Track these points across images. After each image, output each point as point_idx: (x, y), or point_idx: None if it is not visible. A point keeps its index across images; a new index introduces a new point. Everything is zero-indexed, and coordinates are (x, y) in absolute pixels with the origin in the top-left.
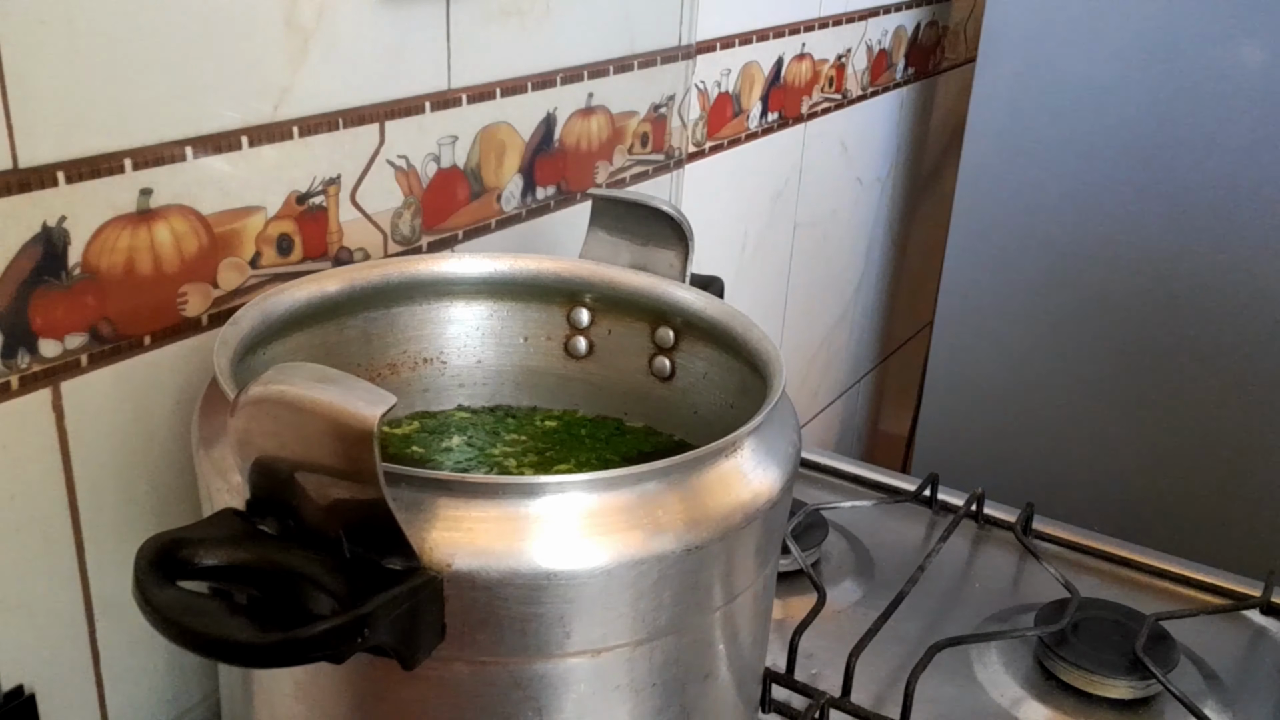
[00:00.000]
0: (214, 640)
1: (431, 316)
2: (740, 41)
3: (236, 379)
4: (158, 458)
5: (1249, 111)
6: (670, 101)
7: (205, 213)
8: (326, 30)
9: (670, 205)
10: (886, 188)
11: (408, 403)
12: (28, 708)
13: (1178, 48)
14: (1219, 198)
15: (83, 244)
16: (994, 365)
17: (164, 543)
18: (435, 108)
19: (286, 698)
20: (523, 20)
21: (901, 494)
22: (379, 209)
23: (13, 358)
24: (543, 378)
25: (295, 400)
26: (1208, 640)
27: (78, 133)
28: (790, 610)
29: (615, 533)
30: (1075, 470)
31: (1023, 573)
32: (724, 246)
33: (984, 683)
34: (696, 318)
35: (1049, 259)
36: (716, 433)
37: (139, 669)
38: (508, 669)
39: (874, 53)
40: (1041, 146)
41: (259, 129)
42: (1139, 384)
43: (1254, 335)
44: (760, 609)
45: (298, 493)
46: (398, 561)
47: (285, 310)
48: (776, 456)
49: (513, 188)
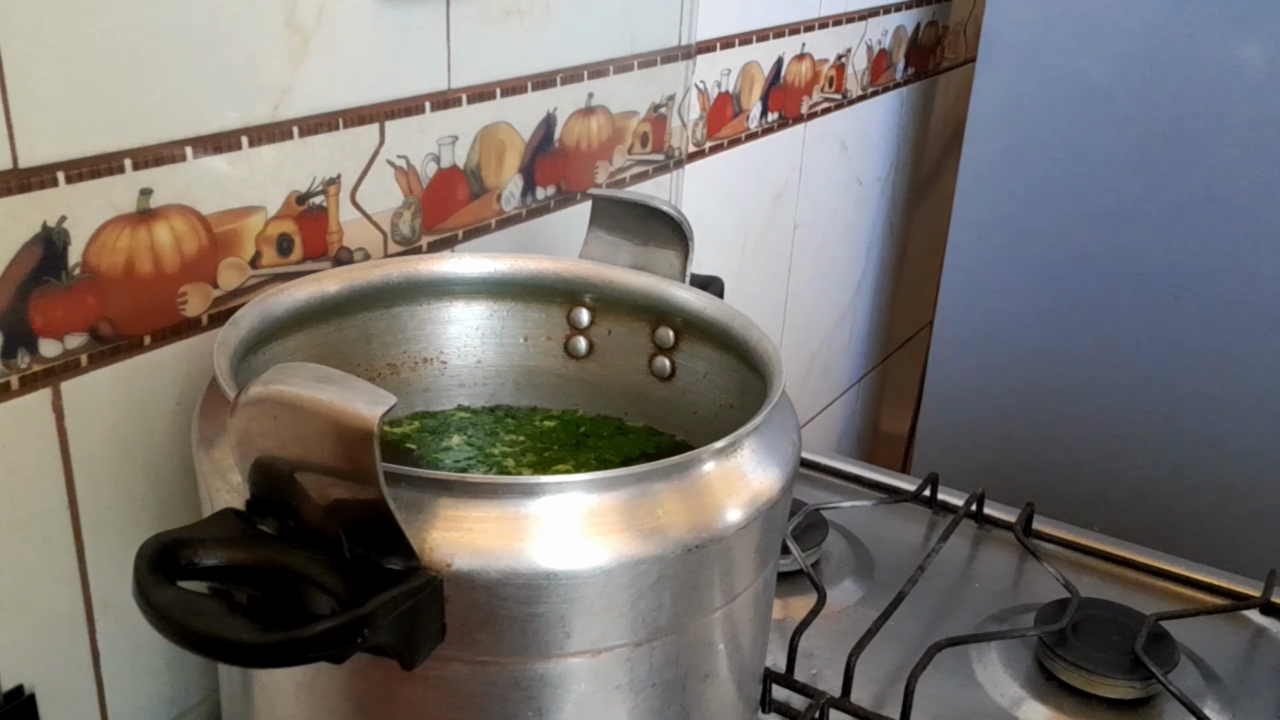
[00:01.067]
0: (214, 640)
1: (431, 316)
2: (740, 41)
3: (236, 379)
4: (158, 458)
5: (1249, 111)
6: (670, 101)
7: (205, 213)
8: (326, 30)
9: (670, 205)
10: (886, 188)
11: (408, 403)
12: (28, 708)
13: (1178, 48)
14: (1219, 197)
15: (83, 244)
16: (994, 365)
17: (164, 543)
18: (435, 108)
19: (286, 698)
20: (523, 20)
21: (901, 494)
22: (379, 209)
23: (13, 358)
24: (543, 378)
25: (295, 400)
26: (1208, 640)
27: (78, 133)
28: (790, 610)
29: (615, 533)
30: (1075, 470)
31: (1023, 573)
32: (724, 246)
33: (984, 683)
34: (696, 318)
35: (1049, 259)
36: (716, 433)
37: (139, 669)
38: (508, 669)
39: (874, 53)
40: (1041, 146)
41: (259, 129)
42: (1139, 384)
43: (1254, 335)
44: (760, 609)
45: (298, 493)
46: (398, 561)
47: (285, 310)
48: (776, 456)
49: (513, 188)
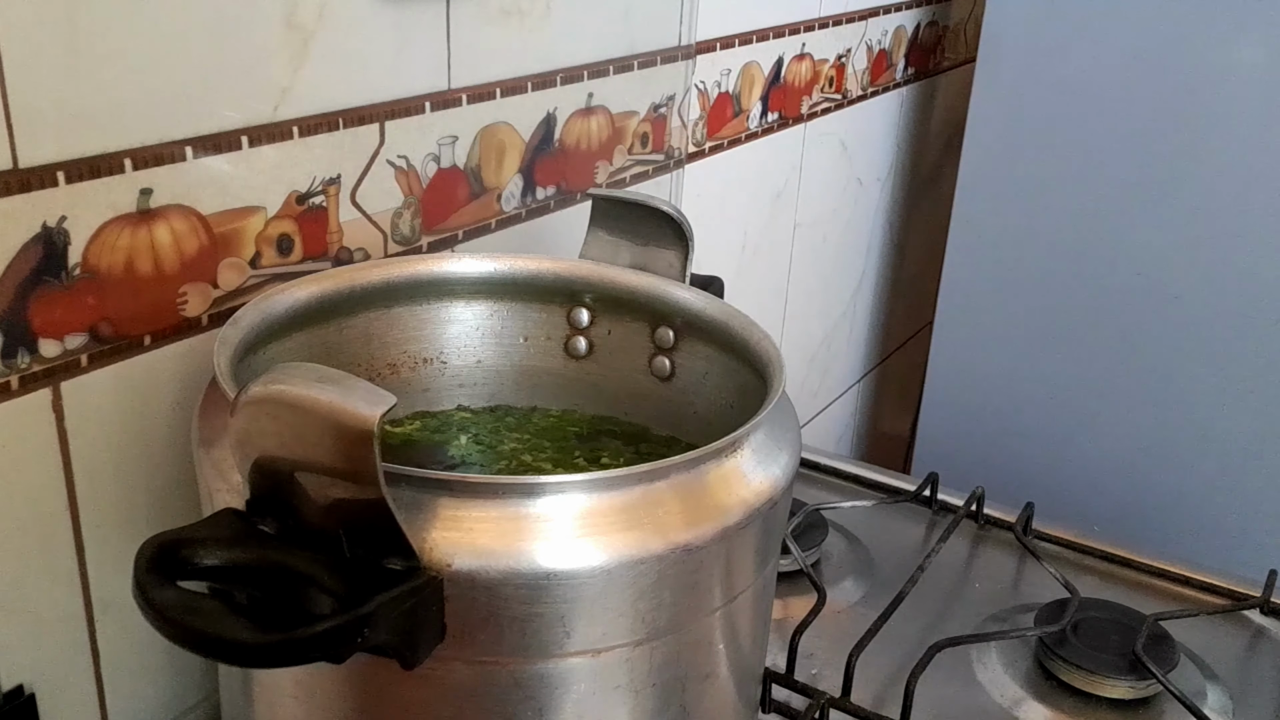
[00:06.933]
0: (214, 640)
1: (431, 316)
2: (740, 41)
3: (236, 379)
4: (158, 458)
5: (1249, 111)
6: (670, 101)
7: (205, 213)
8: (326, 30)
9: (670, 205)
10: (886, 188)
11: (408, 403)
12: (28, 708)
13: (1178, 48)
14: (1219, 197)
15: (83, 244)
16: (994, 365)
17: (164, 543)
18: (435, 108)
19: (286, 698)
20: (523, 20)
21: (901, 494)
22: (379, 209)
23: (13, 358)
24: (543, 378)
25: (295, 400)
26: (1208, 640)
27: (78, 133)
28: (790, 610)
29: (615, 533)
30: (1075, 470)
31: (1023, 573)
32: (724, 246)
33: (984, 683)
34: (696, 318)
35: (1049, 259)
36: (716, 433)
37: (139, 669)
38: (508, 669)
39: (874, 53)
40: (1041, 146)
41: (259, 129)
42: (1139, 384)
43: (1254, 335)
44: (760, 609)
45: (298, 493)
46: (398, 561)
47: (285, 310)
48: (776, 456)
49: (513, 188)
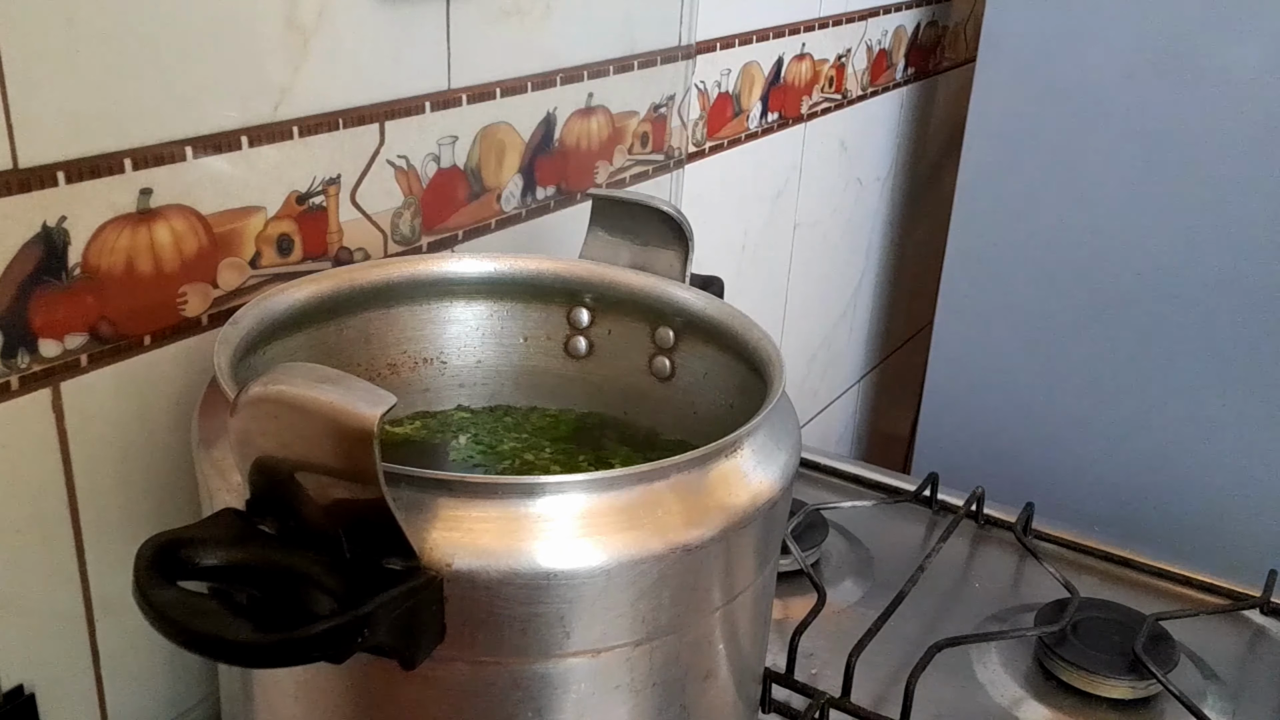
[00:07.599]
0: (214, 640)
1: (431, 316)
2: (740, 41)
3: (236, 379)
4: (158, 458)
5: (1249, 111)
6: (670, 101)
7: (205, 213)
8: (326, 30)
9: (670, 205)
10: (886, 188)
11: (408, 403)
12: (28, 708)
13: (1177, 48)
14: (1219, 197)
15: (83, 244)
16: (994, 365)
17: (164, 543)
18: (435, 108)
19: (286, 698)
20: (523, 20)
21: (901, 494)
22: (379, 209)
23: (13, 358)
24: (543, 378)
25: (295, 400)
26: (1208, 640)
27: (78, 133)
28: (790, 610)
29: (615, 533)
30: (1075, 470)
31: (1023, 573)
32: (724, 246)
33: (984, 683)
34: (696, 318)
35: (1049, 259)
36: (716, 433)
37: (139, 669)
38: (508, 669)
39: (874, 53)
40: (1041, 146)
41: (259, 129)
42: (1139, 384)
43: (1254, 335)
44: (760, 609)
45: (298, 493)
46: (398, 561)
47: (285, 310)
48: (776, 456)
49: (513, 188)
